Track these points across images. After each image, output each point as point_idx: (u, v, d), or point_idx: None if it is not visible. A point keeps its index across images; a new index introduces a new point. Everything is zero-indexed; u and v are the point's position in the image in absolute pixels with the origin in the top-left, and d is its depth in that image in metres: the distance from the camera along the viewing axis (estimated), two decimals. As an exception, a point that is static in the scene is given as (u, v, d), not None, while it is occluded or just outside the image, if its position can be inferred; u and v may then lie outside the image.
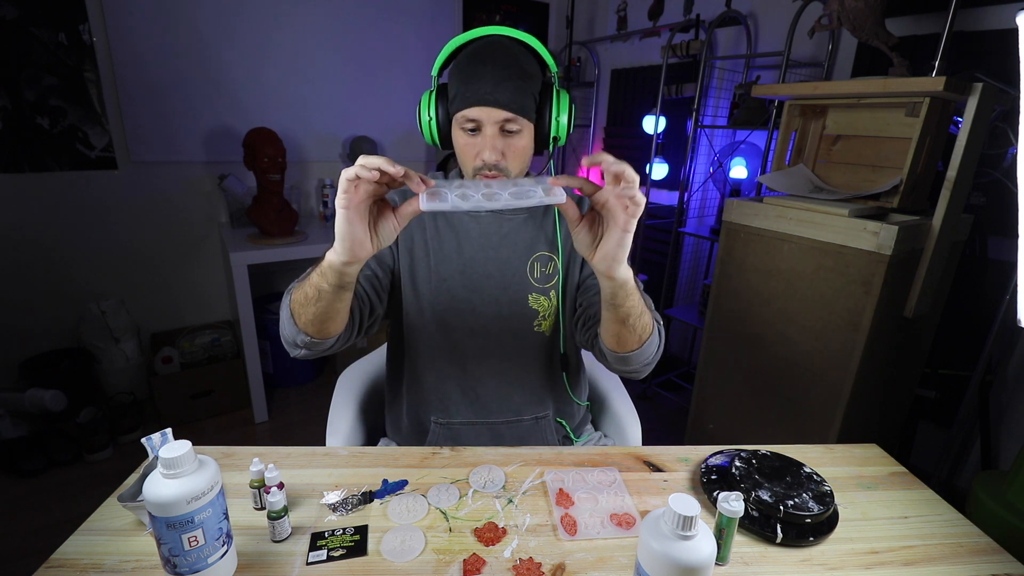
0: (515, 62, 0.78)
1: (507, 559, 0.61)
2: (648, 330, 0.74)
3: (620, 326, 0.71)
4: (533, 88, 0.81)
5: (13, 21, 1.82)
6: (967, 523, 0.71)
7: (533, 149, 0.85)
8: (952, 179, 1.24)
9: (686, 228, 2.34)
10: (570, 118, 0.84)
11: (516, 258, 0.88)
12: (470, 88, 0.77)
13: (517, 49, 0.80)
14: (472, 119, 0.78)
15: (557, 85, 0.84)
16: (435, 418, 0.91)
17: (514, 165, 0.82)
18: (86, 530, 0.63)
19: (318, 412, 2.22)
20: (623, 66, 2.80)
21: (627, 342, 0.73)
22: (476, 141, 0.80)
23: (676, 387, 2.49)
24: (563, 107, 0.83)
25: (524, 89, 0.79)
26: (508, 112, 0.77)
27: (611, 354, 0.77)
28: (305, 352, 0.76)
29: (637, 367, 0.78)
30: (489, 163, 0.79)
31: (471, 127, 0.80)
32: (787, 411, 1.46)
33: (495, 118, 0.78)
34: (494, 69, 0.77)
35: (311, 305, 0.70)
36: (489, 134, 0.79)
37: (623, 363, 0.78)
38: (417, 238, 0.89)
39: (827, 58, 1.85)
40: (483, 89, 0.76)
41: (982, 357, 1.44)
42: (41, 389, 1.89)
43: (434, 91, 0.84)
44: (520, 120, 0.79)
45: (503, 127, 0.79)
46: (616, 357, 0.77)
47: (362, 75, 2.55)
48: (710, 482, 0.73)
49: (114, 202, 2.13)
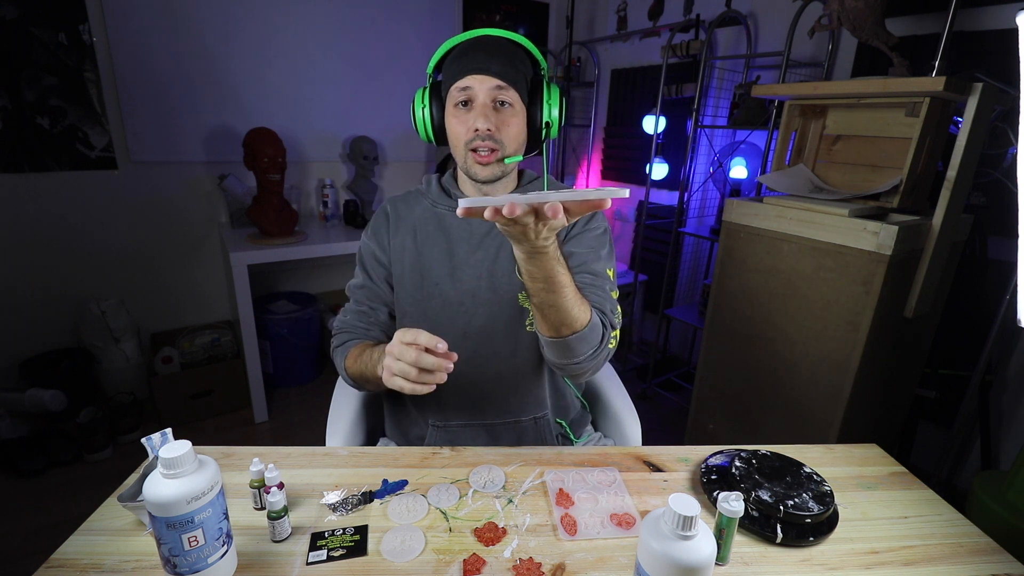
0: (507, 48, 0.82)
1: (507, 559, 0.61)
2: (578, 326, 0.71)
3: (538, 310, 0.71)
4: (524, 71, 0.84)
5: (13, 21, 1.82)
6: (967, 523, 0.71)
7: (526, 135, 0.86)
8: (952, 179, 1.24)
9: (686, 228, 2.34)
10: (561, 108, 0.86)
11: (504, 256, 0.88)
12: (465, 60, 0.80)
13: (508, 43, 0.83)
14: (465, 87, 0.80)
15: (548, 79, 0.87)
16: (432, 421, 0.91)
17: (508, 142, 0.82)
18: (86, 530, 0.63)
19: (318, 412, 2.21)
20: (623, 66, 2.79)
21: (551, 327, 0.72)
22: (468, 116, 0.81)
23: (676, 387, 2.49)
24: (554, 96, 0.85)
25: (515, 67, 0.82)
26: (500, 80, 0.79)
27: (541, 338, 0.77)
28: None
29: (567, 361, 0.76)
30: (482, 131, 0.80)
31: (463, 99, 0.81)
32: (787, 411, 1.46)
33: (487, 86, 0.80)
34: (488, 47, 0.81)
35: (359, 381, 0.85)
36: (481, 102, 0.80)
37: (552, 351, 0.76)
38: (408, 244, 0.90)
39: (827, 58, 1.85)
40: (476, 60, 0.80)
41: (982, 357, 1.44)
42: (41, 389, 1.89)
43: (428, 87, 0.86)
44: (511, 92, 0.81)
45: (495, 100, 0.80)
46: (545, 341, 0.76)
47: (362, 75, 2.55)
48: (710, 482, 0.73)
49: (114, 202, 2.13)
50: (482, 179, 0.84)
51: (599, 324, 0.76)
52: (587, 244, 0.87)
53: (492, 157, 0.82)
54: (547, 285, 0.66)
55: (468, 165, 0.84)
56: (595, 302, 0.79)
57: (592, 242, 0.88)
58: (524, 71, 0.83)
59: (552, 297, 0.67)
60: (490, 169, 0.83)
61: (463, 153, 0.83)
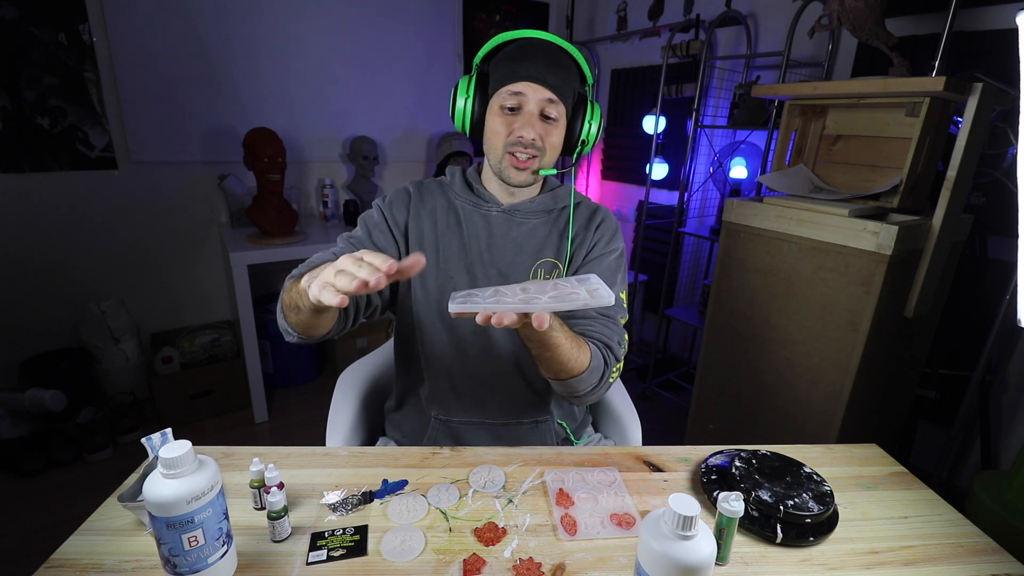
0: (563, 59, 0.82)
1: (507, 559, 0.61)
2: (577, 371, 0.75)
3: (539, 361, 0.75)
4: (575, 85, 0.84)
5: (13, 21, 1.82)
6: (967, 523, 0.71)
7: (562, 149, 0.87)
8: (952, 179, 1.24)
9: (686, 228, 2.34)
10: (599, 128, 0.87)
11: (520, 262, 0.88)
12: (521, 65, 0.80)
13: (565, 53, 0.83)
14: (517, 92, 0.80)
15: (591, 96, 0.87)
16: (435, 413, 0.92)
17: (549, 154, 0.83)
18: (86, 530, 0.63)
19: (318, 412, 2.21)
20: (623, 66, 2.79)
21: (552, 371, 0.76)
22: (514, 120, 0.81)
23: (676, 387, 2.49)
24: (596, 115, 0.86)
25: (568, 80, 0.82)
26: (553, 94, 0.80)
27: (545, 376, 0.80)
28: (297, 341, 0.80)
29: (570, 393, 0.80)
30: (527, 140, 0.80)
31: (513, 104, 0.81)
32: (787, 411, 1.46)
33: (540, 96, 0.80)
34: (546, 55, 0.80)
35: (293, 314, 0.73)
36: (530, 111, 0.80)
37: (560, 387, 0.80)
38: (427, 230, 0.88)
39: (827, 58, 1.85)
40: (534, 67, 0.79)
41: (982, 357, 1.44)
42: (41, 389, 1.89)
43: (473, 77, 0.85)
44: (559, 108, 0.82)
45: (543, 111, 0.81)
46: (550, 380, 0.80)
47: (362, 75, 2.55)
48: (710, 482, 0.73)
49: (114, 202, 2.13)
50: (515, 183, 0.85)
51: (599, 366, 0.78)
52: (604, 269, 0.87)
53: (530, 164, 0.82)
54: (541, 345, 0.69)
55: (503, 167, 0.84)
56: (602, 335, 0.81)
57: (610, 265, 0.88)
58: (574, 86, 0.84)
59: (547, 353, 0.71)
60: (525, 175, 0.84)
61: (500, 154, 0.83)
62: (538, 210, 0.89)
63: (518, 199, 0.89)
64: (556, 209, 0.91)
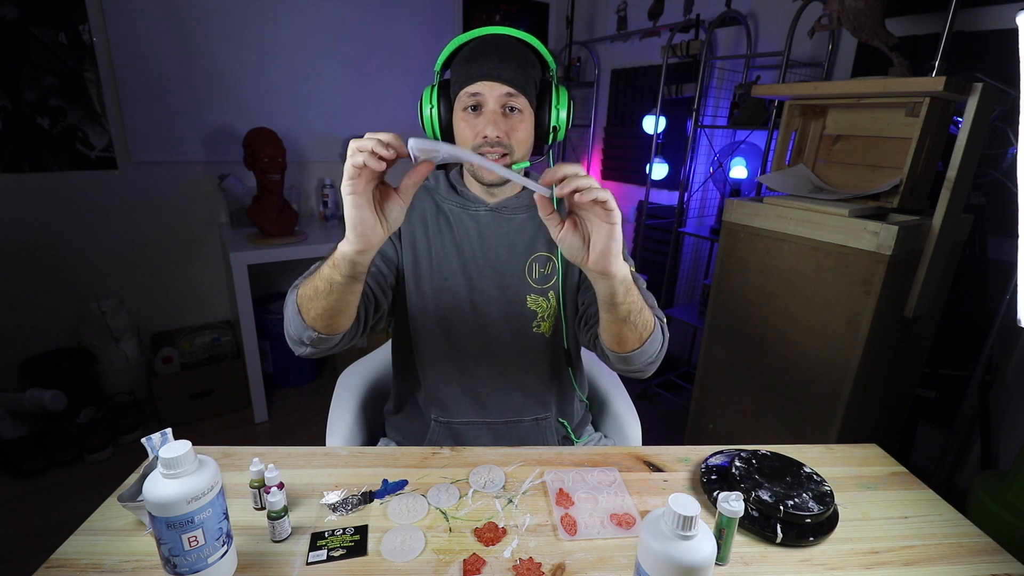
0: (518, 50, 0.81)
1: (507, 559, 0.61)
2: (649, 327, 0.73)
3: (621, 325, 0.70)
4: (534, 74, 0.82)
5: (13, 21, 1.82)
6: (967, 523, 0.71)
7: (533, 140, 0.85)
8: (952, 179, 1.24)
9: (686, 228, 2.34)
10: (569, 112, 0.85)
11: (514, 258, 0.88)
12: (474, 65, 0.79)
13: (519, 43, 0.82)
14: (475, 93, 0.79)
15: (556, 81, 0.86)
16: (435, 415, 0.92)
17: (517, 147, 0.82)
18: (86, 530, 0.63)
19: (318, 412, 2.21)
20: (623, 66, 2.79)
21: (628, 341, 0.72)
22: (477, 121, 0.80)
23: (676, 387, 2.49)
24: (563, 99, 0.84)
25: (526, 71, 0.81)
26: (510, 87, 0.78)
27: (613, 355, 0.77)
28: (311, 350, 0.76)
29: (640, 366, 0.77)
30: (491, 139, 0.79)
31: (472, 103, 0.80)
32: (787, 411, 1.46)
33: (497, 93, 0.79)
34: (498, 50, 0.79)
35: (321, 299, 0.69)
36: (491, 109, 0.79)
37: (625, 363, 0.77)
38: (419, 234, 0.89)
39: (827, 58, 1.85)
40: (487, 65, 0.78)
41: (982, 357, 1.44)
42: (41, 389, 1.89)
43: (436, 85, 0.85)
44: (521, 99, 0.80)
45: (505, 106, 0.80)
46: (618, 357, 0.76)
47: (362, 75, 2.55)
48: (710, 482, 0.73)
49: (114, 202, 2.13)
50: (489, 182, 0.85)
51: (659, 326, 0.77)
52: None
53: (501, 163, 0.82)
54: (625, 285, 0.66)
55: (476, 168, 0.84)
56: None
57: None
58: (534, 75, 0.83)
59: (634, 294, 0.68)
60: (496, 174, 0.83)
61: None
62: (523, 205, 0.89)
63: (500, 197, 0.89)
64: None
